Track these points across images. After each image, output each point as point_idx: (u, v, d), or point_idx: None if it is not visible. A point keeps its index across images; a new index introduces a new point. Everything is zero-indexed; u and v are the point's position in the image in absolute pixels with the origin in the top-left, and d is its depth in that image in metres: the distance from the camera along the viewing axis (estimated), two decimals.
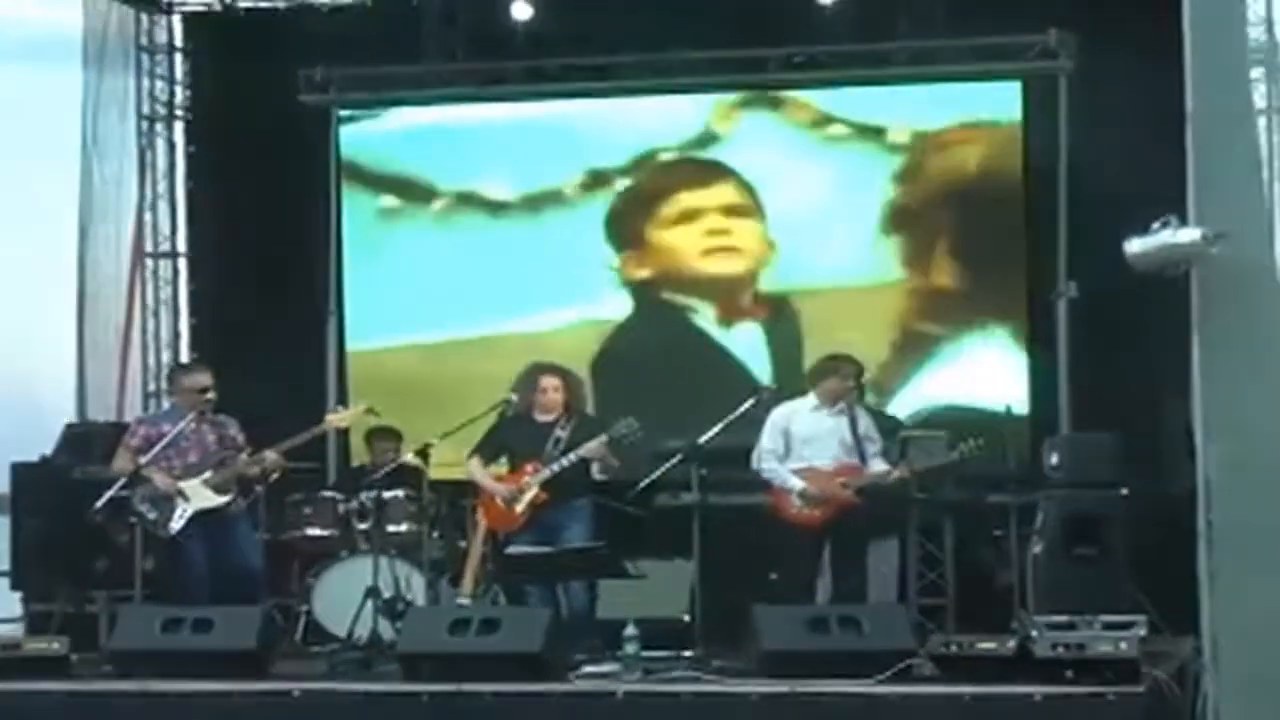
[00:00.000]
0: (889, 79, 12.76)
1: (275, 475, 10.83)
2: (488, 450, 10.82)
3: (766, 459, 10.65)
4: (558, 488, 10.55)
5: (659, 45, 12.78)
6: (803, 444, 10.64)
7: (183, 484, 10.44)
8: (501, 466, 10.84)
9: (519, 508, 10.58)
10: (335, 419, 11.11)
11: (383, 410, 11.25)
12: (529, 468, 10.60)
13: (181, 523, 10.37)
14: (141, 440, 10.59)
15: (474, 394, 11.62)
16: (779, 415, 10.73)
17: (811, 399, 10.75)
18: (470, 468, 10.83)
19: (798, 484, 10.55)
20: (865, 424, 10.73)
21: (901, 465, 10.79)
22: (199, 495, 10.46)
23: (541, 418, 10.73)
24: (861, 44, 12.59)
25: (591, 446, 10.50)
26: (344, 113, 13.38)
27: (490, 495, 10.75)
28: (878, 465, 10.67)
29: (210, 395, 10.61)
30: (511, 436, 10.82)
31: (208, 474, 10.49)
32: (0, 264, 13.77)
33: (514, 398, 10.98)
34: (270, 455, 10.59)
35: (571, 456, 10.50)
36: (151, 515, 10.41)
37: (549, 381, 10.76)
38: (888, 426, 11.33)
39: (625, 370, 13.01)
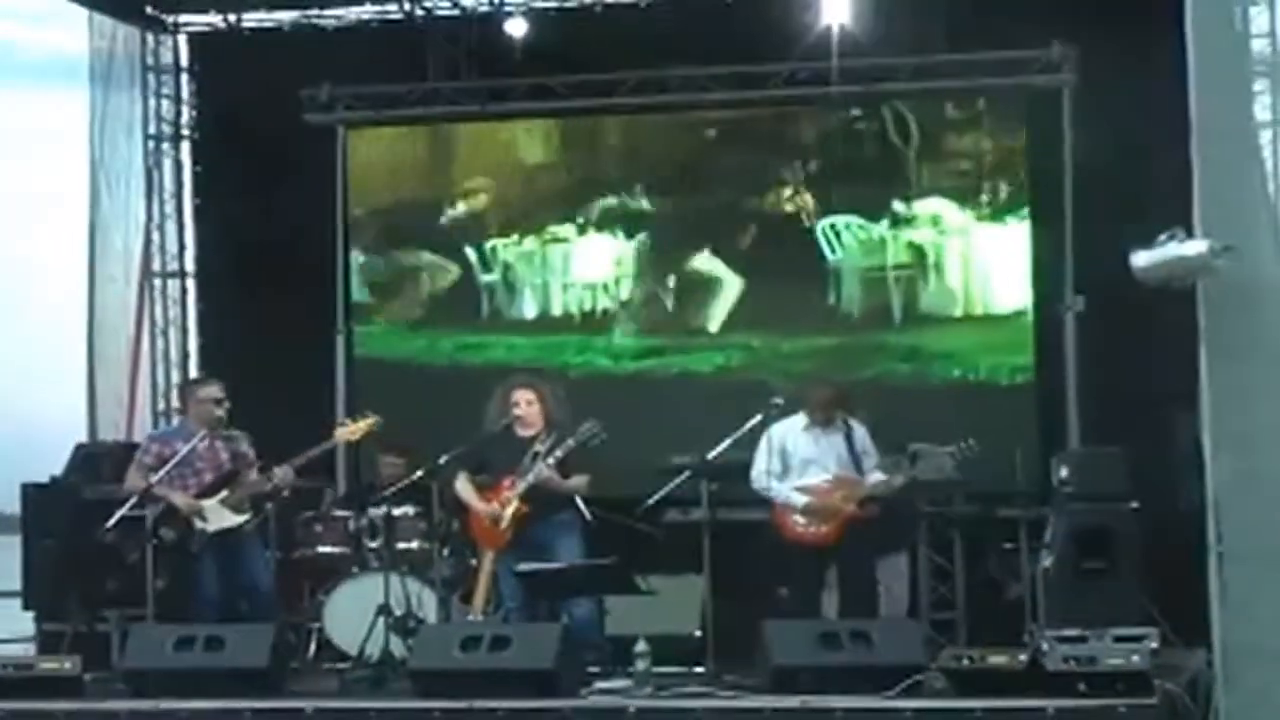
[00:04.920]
0: (892, 95, 12.77)
1: (285, 493, 10.83)
2: (468, 464, 10.58)
3: (767, 479, 10.64)
4: (537, 501, 10.36)
5: (661, 61, 12.81)
6: (801, 463, 10.65)
7: (202, 504, 10.46)
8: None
9: (503, 525, 10.43)
10: (345, 432, 11.09)
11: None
12: (507, 482, 10.43)
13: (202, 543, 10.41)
14: (154, 458, 10.59)
15: None
16: (773, 435, 10.72)
17: (802, 418, 10.76)
18: (457, 486, 10.64)
19: (800, 500, 10.56)
20: (861, 438, 10.73)
21: (897, 473, 10.77)
22: (218, 515, 10.48)
23: (523, 432, 10.50)
24: (864, 60, 12.59)
25: (539, 469, 10.28)
26: None
27: (476, 515, 10.62)
28: (875, 477, 10.67)
29: (224, 406, 10.63)
30: (491, 451, 10.57)
31: (224, 493, 10.52)
32: (8, 284, 13.83)
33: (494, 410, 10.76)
34: (280, 472, 10.60)
35: (530, 478, 10.27)
36: (171, 537, 10.43)
37: (520, 395, 10.52)
38: (890, 440, 11.33)
39: None
